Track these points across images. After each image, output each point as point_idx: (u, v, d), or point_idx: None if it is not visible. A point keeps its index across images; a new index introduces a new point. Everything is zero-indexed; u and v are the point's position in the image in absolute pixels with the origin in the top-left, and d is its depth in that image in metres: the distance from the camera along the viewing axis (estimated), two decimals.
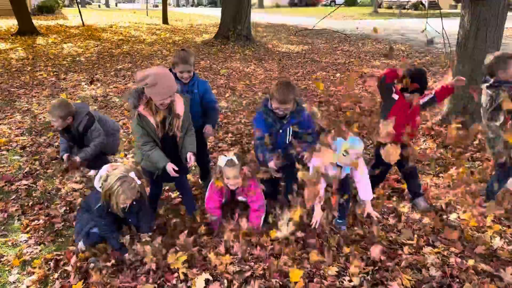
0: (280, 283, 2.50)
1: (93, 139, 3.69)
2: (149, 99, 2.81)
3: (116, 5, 62.13)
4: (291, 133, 3.21)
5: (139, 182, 2.80)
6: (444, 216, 3.40)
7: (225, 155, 3.12)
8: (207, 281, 2.46)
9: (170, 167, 2.87)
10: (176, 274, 2.54)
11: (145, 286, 2.43)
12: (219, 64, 10.67)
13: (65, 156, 3.70)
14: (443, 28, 6.01)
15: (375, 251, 2.74)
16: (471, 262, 2.77)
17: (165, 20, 22.79)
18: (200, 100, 3.53)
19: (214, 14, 30.70)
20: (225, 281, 2.46)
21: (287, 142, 3.22)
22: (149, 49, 13.07)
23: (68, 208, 3.56)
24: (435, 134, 5.21)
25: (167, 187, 3.85)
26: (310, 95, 7.55)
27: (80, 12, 20.72)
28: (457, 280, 2.62)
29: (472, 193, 3.68)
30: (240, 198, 3.28)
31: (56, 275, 2.67)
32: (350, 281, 2.57)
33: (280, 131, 3.19)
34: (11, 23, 19.47)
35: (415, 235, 3.09)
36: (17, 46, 13.24)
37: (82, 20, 20.22)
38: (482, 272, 2.68)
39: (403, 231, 3.14)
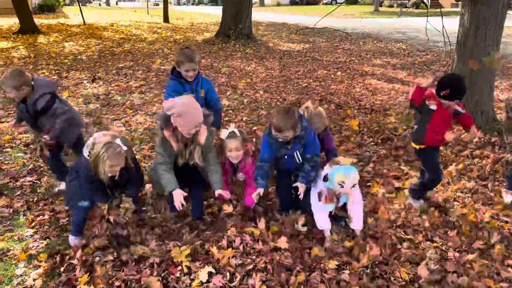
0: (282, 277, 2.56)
1: (58, 116, 3.43)
2: (175, 127, 2.92)
3: (117, 4, 62.19)
4: (299, 156, 3.19)
5: (125, 148, 2.84)
6: (443, 213, 3.45)
7: (226, 129, 3.19)
8: (210, 274, 2.51)
9: (177, 196, 2.88)
10: (179, 267, 2.59)
11: (149, 279, 2.48)
12: (220, 62, 10.71)
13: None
14: (443, 26, 6.09)
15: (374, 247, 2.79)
16: (470, 256, 2.82)
17: (166, 19, 22.83)
18: (204, 98, 3.58)
19: (215, 13, 30.73)
20: (228, 273, 2.51)
21: (299, 162, 3.22)
22: (151, 48, 13.12)
23: None
24: None
25: None
26: (311, 93, 7.60)
27: (81, 10, 20.77)
28: (455, 274, 2.67)
29: (471, 189, 3.74)
30: (240, 176, 3.33)
31: (62, 269, 2.72)
32: (350, 274, 2.62)
33: (285, 156, 3.20)
34: (12, 21, 19.51)
35: (414, 230, 3.14)
36: (19, 45, 13.27)
37: (83, 18, 20.25)
38: (480, 266, 2.73)
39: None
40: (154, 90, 7.77)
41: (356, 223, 3.10)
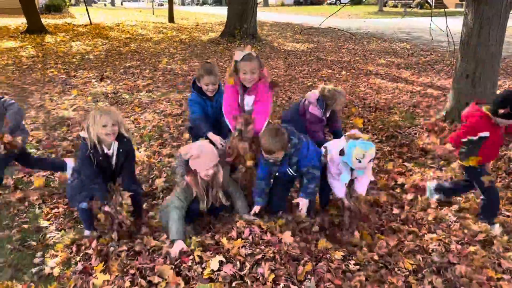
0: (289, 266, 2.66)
1: (8, 107, 3.44)
2: (194, 171, 3.01)
3: (122, 4, 62.43)
4: (292, 172, 3.16)
5: (114, 109, 2.95)
6: (445, 207, 3.54)
7: (241, 51, 3.12)
8: (220, 263, 2.61)
9: (178, 247, 2.78)
10: (191, 257, 2.69)
11: (162, 267, 2.58)
12: (226, 62, 10.83)
13: None
14: (447, 26, 6.16)
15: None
16: (472, 248, 2.91)
17: (171, 19, 22.97)
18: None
19: (219, 13, 30.84)
20: (238, 262, 2.61)
21: (295, 175, 3.22)
22: (157, 47, 13.25)
23: None
24: (439, 130, 5.32)
25: None
26: None
27: (87, 10, 20.95)
28: (457, 264, 2.76)
29: None
30: (248, 99, 3.30)
31: (78, 258, 2.84)
32: (356, 264, 2.71)
33: (277, 174, 3.23)
34: (19, 21, 19.72)
35: (417, 224, 3.23)
36: (27, 44, 13.45)
37: (89, 18, 20.43)
38: (481, 258, 2.82)
39: None
40: (161, 88, 7.90)
41: (361, 187, 3.19)
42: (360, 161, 2.91)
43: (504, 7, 4.98)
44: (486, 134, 3.02)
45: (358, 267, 2.69)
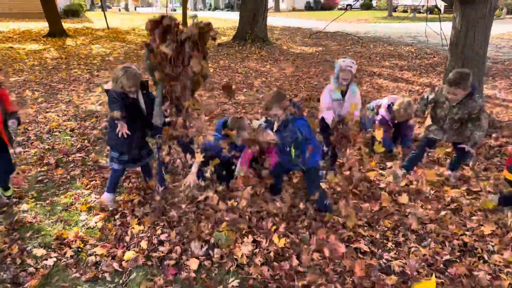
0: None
1: None
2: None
3: (135, 9, 63.84)
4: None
5: (139, 71, 3.40)
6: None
7: (257, 119, 3.81)
8: (233, 220, 3.23)
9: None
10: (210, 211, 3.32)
11: (188, 216, 3.21)
12: (237, 63, 11.48)
13: None
14: (441, 29, 6.74)
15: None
16: (443, 212, 3.48)
17: (184, 23, 23.73)
18: None
19: (231, 18, 31.62)
20: (247, 217, 3.23)
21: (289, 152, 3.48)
22: None
23: None
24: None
25: None
26: (321, 90, 8.26)
27: (105, 15, 21.86)
28: (430, 223, 3.33)
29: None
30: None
31: (116, 216, 3.47)
32: (344, 223, 3.30)
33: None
34: (40, 25, 20.69)
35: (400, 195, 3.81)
36: (49, 47, 14.28)
37: (107, 23, 21.32)
38: (449, 219, 3.39)
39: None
40: None
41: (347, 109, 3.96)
42: None
43: (488, 11, 5.52)
44: None
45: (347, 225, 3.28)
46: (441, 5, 23.42)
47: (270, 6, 36.04)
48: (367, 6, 47.27)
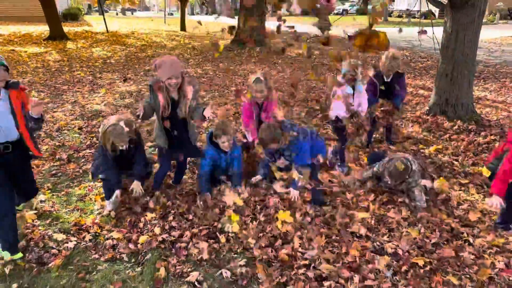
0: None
1: None
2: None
3: (132, 13, 64.05)
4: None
5: (127, 129, 3.49)
6: None
7: (254, 76, 4.10)
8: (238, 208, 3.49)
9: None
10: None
11: (195, 209, 3.47)
12: (236, 66, 11.76)
13: None
14: (433, 33, 6.99)
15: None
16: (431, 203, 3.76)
17: (183, 27, 24.08)
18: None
19: (229, 22, 31.95)
20: (251, 204, 3.49)
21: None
22: (172, 53, 14.23)
23: None
24: (422, 121, 6.16)
25: None
26: (318, 91, 8.56)
27: (104, 19, 22.11)
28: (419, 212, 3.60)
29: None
30: (263, 117, 4.14)
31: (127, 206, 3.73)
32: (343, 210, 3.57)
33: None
34: (40, 28, 20.92)
35: None
36: (51, 50, 14.50)
37: (106, 27, 21.56)
38: (438, 210, 3.66)
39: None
40: None
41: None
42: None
43: (477, 15, 5.83)
44: None
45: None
46: (436, 10, 23.88)
47: (268, 11, 36.31)
48: (362, 11, 47.80)
